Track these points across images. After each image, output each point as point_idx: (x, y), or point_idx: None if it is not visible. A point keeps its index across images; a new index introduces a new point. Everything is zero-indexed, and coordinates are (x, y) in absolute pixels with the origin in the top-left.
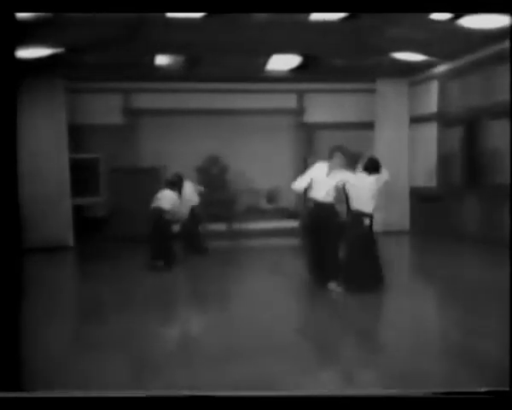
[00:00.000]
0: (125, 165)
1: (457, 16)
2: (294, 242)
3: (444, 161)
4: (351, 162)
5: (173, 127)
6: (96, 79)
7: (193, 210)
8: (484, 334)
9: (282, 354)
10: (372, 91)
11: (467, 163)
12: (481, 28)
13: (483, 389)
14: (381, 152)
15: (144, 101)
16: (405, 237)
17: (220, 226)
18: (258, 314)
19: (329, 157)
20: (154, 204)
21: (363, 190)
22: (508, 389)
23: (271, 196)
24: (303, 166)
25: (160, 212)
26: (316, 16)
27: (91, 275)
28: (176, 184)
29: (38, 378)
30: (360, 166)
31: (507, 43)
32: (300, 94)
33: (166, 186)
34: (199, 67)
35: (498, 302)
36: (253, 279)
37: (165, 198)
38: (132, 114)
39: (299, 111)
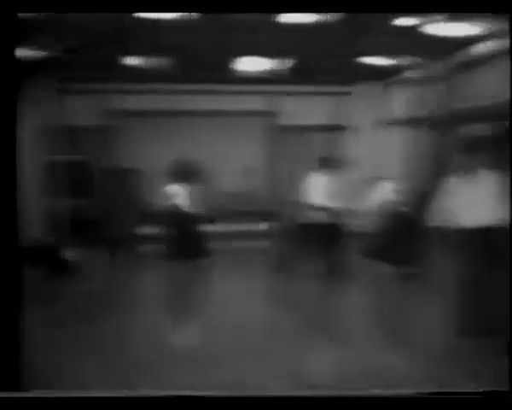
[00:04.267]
0: (111, 166)
1: (426, 22)
2: (266, 244)
3: (415, 163)
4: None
5: (150, 129)
6: (75, 80)
7: (181, 210)
8: None
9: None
10: (346, 94)
11: (437, 166)
12: (451, 35)
13: (483, 390)
14: (354, 155)
15: (123, 102)
16: None
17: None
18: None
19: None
20: (170, 202)
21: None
22: (507, 389)
23: (244, 198)
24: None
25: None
26: (289, 18)
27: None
28: (189, 175)
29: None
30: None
31: (475, 50)
32: (274, 96)
33: (176, 179)
34: (175, 68)
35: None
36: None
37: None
38: (112, 115)
39: (273, 113)
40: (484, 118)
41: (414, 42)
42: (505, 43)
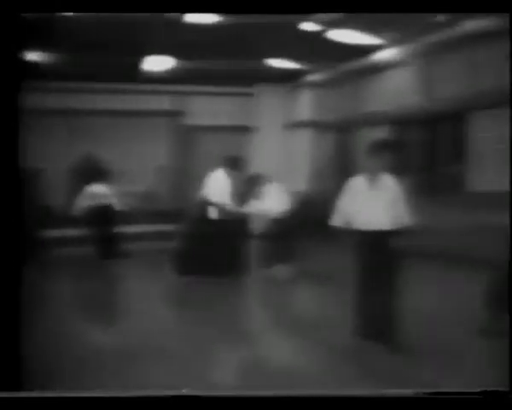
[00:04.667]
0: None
1: (328, 28)
2: (171, 245)
3: (318, 166)
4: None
5: (58, 128)
6: None
7: (107, 210)
8: None
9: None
10: (251, 96)
11: (340, 169)
12: (354, 42)
13: (483, 390)
14: (258, 156)
15: (31, 100)
16: None
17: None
18: None
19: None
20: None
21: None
22: (507, 389)
23: (149, 199)
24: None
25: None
26: (195, 18)
27: None
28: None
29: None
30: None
31: (376, 57)
32: (182, 96)
33: (86, 179)
34: (85, 67)
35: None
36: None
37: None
38: (19, 113)
39: (179, 113)
40: (384, 122)
41: (318, 46)
42: (403, 51)
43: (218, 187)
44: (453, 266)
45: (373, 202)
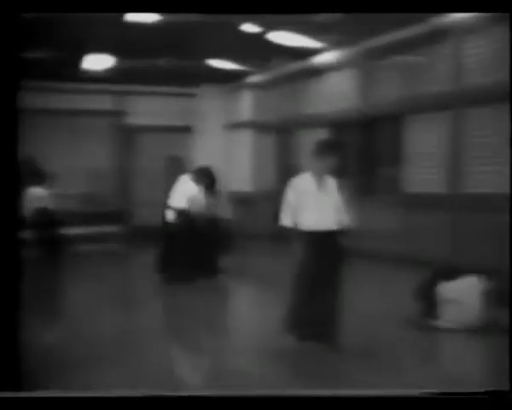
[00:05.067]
0: None
1: (269, 30)
2: (117, 247)
3: (259, 166)
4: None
5: None
6: None
7: (45, 213)
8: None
9: None
10: (192, 96)
11: (280, 170)
12: (292, 44)
13: (483, 390)
14: (200, 157)
15: None
16: None
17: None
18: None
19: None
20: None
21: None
22: (508, 389)
23: (90, 200)
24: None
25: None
26: (137, 17)
27: None
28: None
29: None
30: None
31: (316, 59)
32: (121, 96)
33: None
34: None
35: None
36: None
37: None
38: None
39: (120, 113)
40: (324, 124)
41: (260, 48)
42: (343, 54)
43: (184, 193)
44: (390, 265)
45: (321, 203)
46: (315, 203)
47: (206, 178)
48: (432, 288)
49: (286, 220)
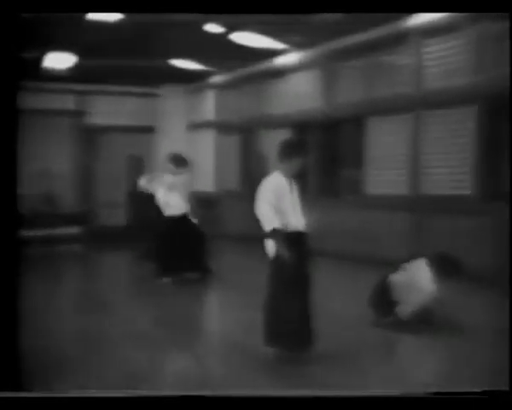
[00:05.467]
0: None
1: (232, 30)
2: (78, 248)
3: (222, 167)
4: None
5: None
6: None
7: None
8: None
9: None
10: (155, 96)
11: (243, 170)
12: (255, 45)
13: (483, 389)
14: (162, 157)
15: None
16: None
17: None
18: None
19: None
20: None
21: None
22: (508, 389)
23: (51, 201)
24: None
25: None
26: (98, 16)
27: None
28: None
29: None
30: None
31: (279, 60)
32: (83, 95)
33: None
34: None
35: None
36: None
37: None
38: None
39: (82, 113)
40: (287, 125)
41: (223, 48)
42: (306, 55)
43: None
44: (351, 265)
45: (294, 204)
46: (290, 204)
47: (183, 162)
48: (385, 292)
49: (274, 222)
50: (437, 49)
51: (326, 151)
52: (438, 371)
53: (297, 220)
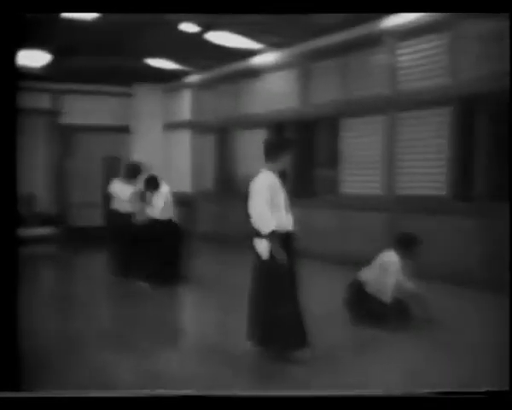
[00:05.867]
0: None
1: (207, 30)
2: (52, 249)
3: (198, 167)
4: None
5: None
6: None
7: None
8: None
9: None
10: (130, 95)
11: (219, 170)
12: (230, 45)
13: (483, 389)
14: (137, 157)
15: None
16: None
17: None
18: None
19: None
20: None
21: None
22: (508, 389)
23: (25, 201)
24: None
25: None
26: (71, 14)
27: None
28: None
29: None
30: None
31: (255, 60)
32: (57, 94)
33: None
34: None
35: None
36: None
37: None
38: None
39: (56, 112)
40: (263, 125)
41: (198, 47)
42: (282, 55)
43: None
44: (327, 264)
45: (285, 203)
46: (282, 203)
47: (136, 172)
48: (359, 290)
49: (272, 223)
50: (412, 51)
51: (302, 151)
52: (411, 369)
53: (288, 219)
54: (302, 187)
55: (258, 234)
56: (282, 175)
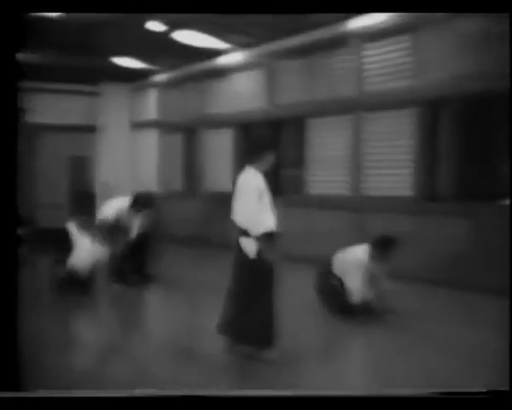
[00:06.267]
0: None
1: (174, 29)
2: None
3: (164, 167)
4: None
5: None
6: None
7: None
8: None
9: None
10: (97, 95)
11: (186, 170)
12: (198, 44)
13: (483, 390)
14: (104, 157)
15: None
16: None
17: None
18: None
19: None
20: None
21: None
22: (508, 389)
23: None
24: None
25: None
26: (37, 12)
27: None
28: None
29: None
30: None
31: (223, 60)
32: (21, 93)
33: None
34: None
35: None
36: None
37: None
38: None
39: (21, 111)
40: (230, 124)
41: (165, 47)
42: (249, 55)
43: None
44: (293, 264)
45: (270, 201)
46: (269, 202)
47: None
48: (328, 276)
49: (264, 223)
50: (378, 52)
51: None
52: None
53: (273, 218)
54: (268, 187)
55: (244, 233)
56: (265, 174)
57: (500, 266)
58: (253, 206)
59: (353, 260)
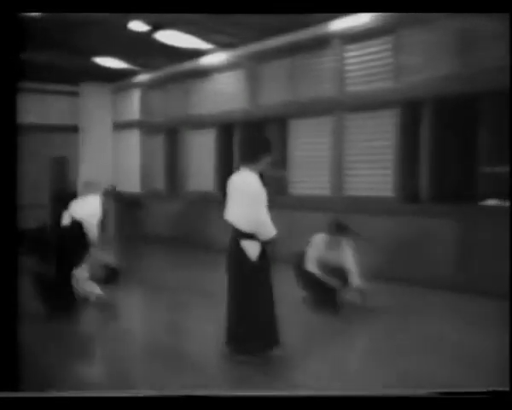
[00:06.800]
0: None
1: (156, 29)
2: None
3: (147, 167)
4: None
5: None
6: None
7: None
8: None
9: None
10: (78, 95)
11: (168, 170)
12: (180, 44)
13: (483, 389)
14: (86, 157)
15: None
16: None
17: None
18: None
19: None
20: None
21: None
22: (508, 389)
23: None
24: None
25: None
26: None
27: None
28: None
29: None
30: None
31: (205, 60)
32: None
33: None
34: None
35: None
36: None
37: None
38: None
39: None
40: (212, 125)
41: (147, 47)
42: (231, 55)
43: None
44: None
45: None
46: (267, 205)
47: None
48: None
49: (273, 227)
50: (360, 54)
51: None
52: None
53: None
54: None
55: (245, 235)
56: (261, 176)
57: (482, 267)
58: (263, 210)
59: (313, 239)
